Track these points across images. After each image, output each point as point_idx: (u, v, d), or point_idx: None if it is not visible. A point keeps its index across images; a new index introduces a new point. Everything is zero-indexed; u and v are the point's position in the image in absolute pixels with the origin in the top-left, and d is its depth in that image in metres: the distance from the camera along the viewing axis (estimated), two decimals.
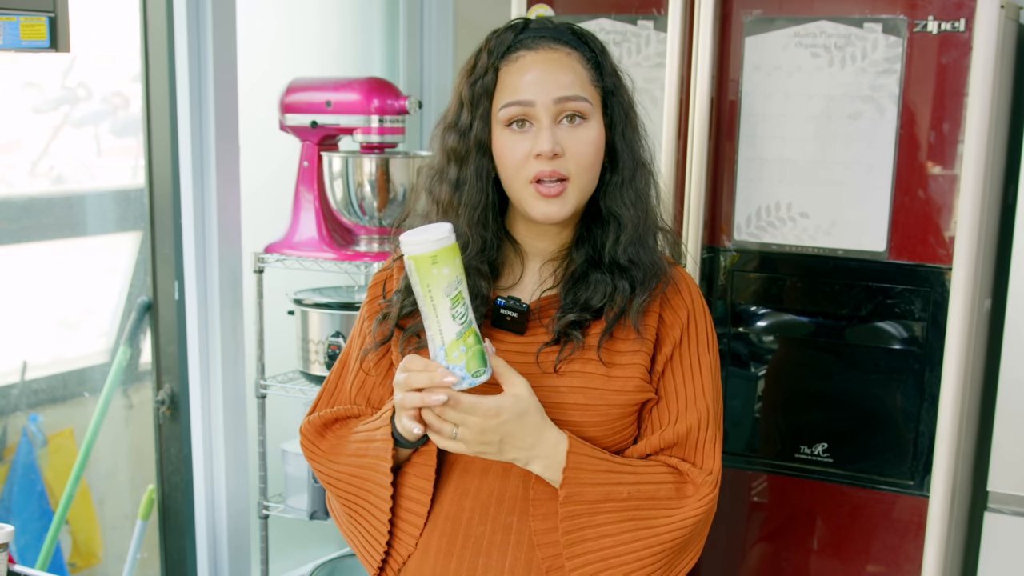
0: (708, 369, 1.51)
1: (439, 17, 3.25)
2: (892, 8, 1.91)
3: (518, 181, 1.43)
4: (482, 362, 1.34)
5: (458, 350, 1.32)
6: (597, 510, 1.40)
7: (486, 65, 1.45)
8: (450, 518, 1.46)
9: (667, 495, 1.44)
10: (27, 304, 2.65)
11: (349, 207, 2.61)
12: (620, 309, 1.46)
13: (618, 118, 1.48)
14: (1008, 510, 2.08)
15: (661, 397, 1.49)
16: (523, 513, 1.45)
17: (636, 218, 1.48)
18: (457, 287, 1.31)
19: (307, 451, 1.56)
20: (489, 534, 1.44)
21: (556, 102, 1.41)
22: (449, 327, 1.32)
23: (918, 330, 1.97)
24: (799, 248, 2.03)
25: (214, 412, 2.71)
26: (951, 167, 1.91)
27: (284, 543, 3.01)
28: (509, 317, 1.46)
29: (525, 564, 1.43)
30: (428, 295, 1.31)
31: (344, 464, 1.51)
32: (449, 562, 1.45)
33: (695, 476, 1.45)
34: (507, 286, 1.52)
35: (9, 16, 1.69)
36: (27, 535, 2.63)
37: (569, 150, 1.41)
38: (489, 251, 1.48)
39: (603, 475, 1.41)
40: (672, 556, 1.45)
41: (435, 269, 1.30)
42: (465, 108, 1.46)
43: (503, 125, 1.43)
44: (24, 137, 2.65)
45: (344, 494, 1.52)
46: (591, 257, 1.48)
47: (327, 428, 1.55)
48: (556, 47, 1.44)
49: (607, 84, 1.47)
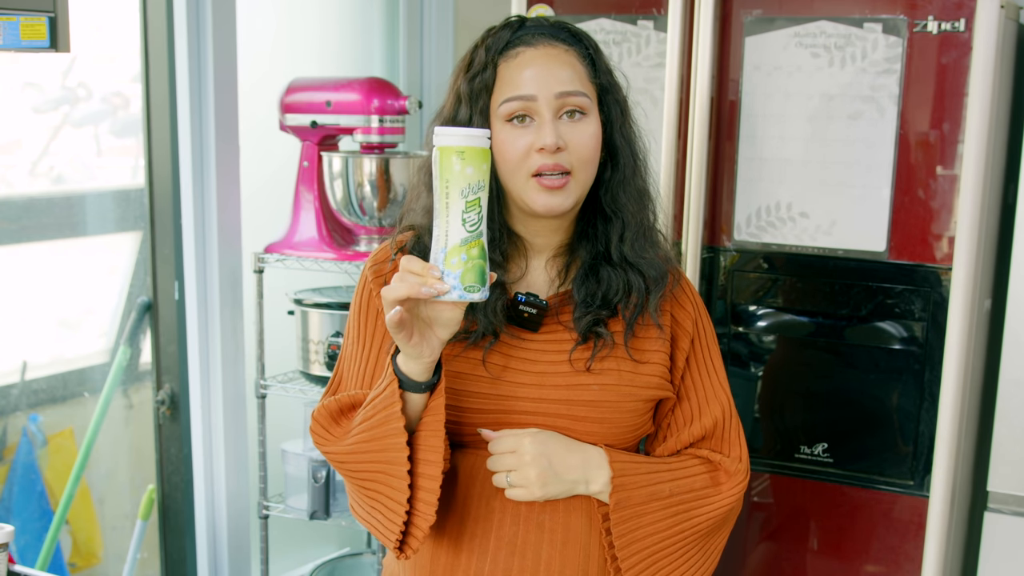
0: (719, 360, 1.57)
1: (439, 17, 3.26)
2: (892, 8, 1.91)
3: (519, 175, 1.43)
4: (480, 279, 1.28)
5: (458, 257, 1.26)
6: (644, 511, 1.45)
7: (484, 61, 1.46)
8: (480, 520, 1.46)
9: (703, 485, 1.49)
10: (27, 304, 2.65)
11: (349, 207, 2.61)
12: (637, 305, 1.47)
13: (614, 115, 1.49)
14: (1008, 510, 2.08)
15: (682, 395, 1.53)
16: (554, 511, 1.45)
17: (639, 214, 1.50)
18: (477, 192, 1.26)
19: (317, 436, 1.50)
20: (522, 533, 1.45)
21: (557, 97, 1.42)
22: (456, 230, 1.26)
23: (918, 330, 1.97)
24: (799, 248, 2.03)
25: (214, 412, 2.71)
26: (951, 167, 1.91)
27: (284, 543, 3.01)
28: (527, 313, 1.46)
29: (560, 561, 1.44)
30: (444, 191, 1.26)
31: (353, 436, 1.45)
32: (483, 564, 1.44)
33: (727, 465, 1.52)
34: (513, 280, 1.52)
35: (9, 16, 1.69)
36: (27, 535, 2.63)
37: (571, 144, 1.42)
38: (497, 244, 1.48)
39: (644, 477, 1.45)
40: (708, 535, 1.51)
41: (458, 165, 1.25)
42: (463, 104, 1.46)
43: (503, 120, 1.44)
44: (24, 137, 2.65)
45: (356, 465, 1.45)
46: (597, 253, 1.50)
47: (342, 414, 1.51)
48: (555, 43, 1.46)
49: (602, 81, 1.48)
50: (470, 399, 1.46)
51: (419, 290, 1.27)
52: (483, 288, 1.28)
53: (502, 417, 1.46)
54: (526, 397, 1.45)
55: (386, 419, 1.39)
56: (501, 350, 1.45)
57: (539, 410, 1.45)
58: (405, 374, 1.37)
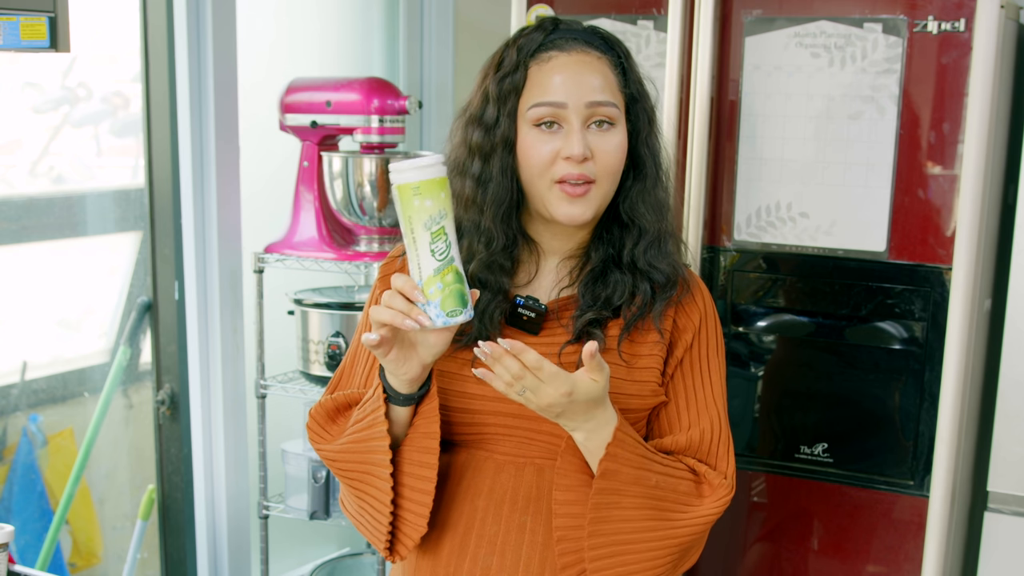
0: (717, 373, 1.52)
1: (439, 17, 3.26)
2: (892, 8, 1.91)
3: (543, 181, 1.43)
4: (460, 302, 1.31)
5: (434, 286, 1.29)
6: (626, 491, 1.40)
7: (515, 62, 1.44)
8: (463, 517, 1.46)
9: (687, 491, 1.45)
10: (27, 304, 2.65)
11: (349, 207, 2.61)
12: (639, 310, 1.46)
13: (642, 125, 1.49)
14: (1008, 510, 2.08)
15: (670, 399, 1.50)
16: (536, 512, 1.45)
17: (656, 224, 1.49)
18: (439, 222, 1.28)
19: (313, 434, 1.52)
20: (503, 533, 1.44)
21: (588, 106, 1.41)
22: (428, 262, 1.29)
23: (918, 330, 1.97)
24: (799, 248, 2.03)
25: (214, 412, 2.71)
26: (951, 167, 1.91)
27: (284, 543, 3.01)
28: (526, 317, 1.46)
29: (539, 563, 1.43)
30: (409, 227, 1.29)
31: (344, 436, 1.47)
32: (463, 562, 1.45)
33: (712, 478, 1.47)
34: (522, 284, 1.52)
35: (9, 16, 1.69)
36: (27, 535, 2.64)
37: (597, 154, 1.42)
38: (511, 248, 1.48)
39: (639, 459, 1.41)
40: (681, 554, 1.45)
41: (416, 200, 1.28)
42: (491, 104, 1.45)
43: (531, 124, 1.43)
44: (24, 137, 2.65)
45: (346, 464, 1.47)
46: (610, 257, 1.49)
47: (339, 413, 1.52)
48: (588, 50, 1.45)
49: (632, 91, 1.48)
50: (458, 399, 1.46)
51: (402, 322, 1.29)
52: (465, 309, 1.31)
53: (488, 418, 1.46)
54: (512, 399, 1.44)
55: (372, 423, 1.41)
56: None
57: (524, 412, 1.44)
58: (389, 384, 1.39)
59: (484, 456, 1.47)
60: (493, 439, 1.47)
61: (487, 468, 1.46)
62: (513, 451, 1.47)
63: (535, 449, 1.46)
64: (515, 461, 1.46)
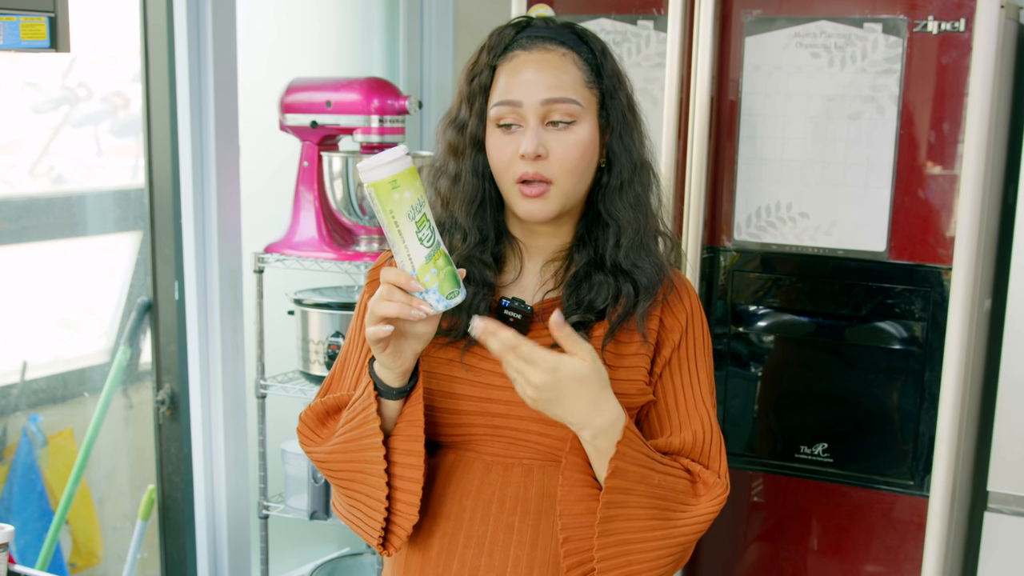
0: (705, 373, 1.51)
1: (439, 17, 3.26)
2: (892, 8, 1.91)
3: (505, 181, 1.44)
4: (455, 283, 1.32)
5: (429, 273, 1.31)
6: (634, 490, 1.39)
7: (485, 63, 1.46)
8: (451, 518, 1.46)
9: (685, 490, 1.44)
10: (27, 304, 2.65)
11: (349, 207, 2.61)
12: (624, 312, 1.46)
13: (615, 120, 1.47)
14: (1008, 510, 2.08)
15: (659, 400, 1.49)
16: (524, 513, 1.45)
17: (636, 221, 1.48)
18: (420, 209, 1.30)
19: (303, 437, 1.52)
20: (491, 534, 1.44)
21: (543, 103, 1.41)
22: (417, 251, 1.30)
23: (918, 330, 1.97)
24: (799, 248, 2.03)
25: (214, 412, 2.71)
26: (951, 167, 1.91)
27: (284, 543, 3.01)
28: (512, 318, 1.46)
29: (527, 564, 1.43)
30: (392, 221, 1.30)
31: (335, 437, 1.47)
32: (451, 562, 1.45)
33: (707, 477, 1.46)
34: (507, 283, 1.52)
35: (9, 16, 1.69)
36: (27, 535, 2.64)
37: (553, 152, 1.41)
38: (489, 244, 1.48)
39: (644, 458, 1.40)
40: (681, 555, 1.45)
41: (396, 194, 1.28)
42: (464, 104, 1.48)
43: (494, 124, 1.44)
44: (24, 137, 2.65)
45: (337, 465, 1.47)
46: (593, 259, 1.48)
47: (329, 416, 1.52)
48: (551, 47, 1.44)
49: (605, 85, 1.46)
50: (444, 399, 1.46)
51: (408, 312, 1.30)
52: (461, 289, 1.33)
53: (476, 418, 1.46)
54: (499, 400, 1.44)
55: (364, 421, 1.42)
56: (480, 352, 1.44)
57: (512, 412, 1.44)
58: (381, 380, 1.40)
59: (472, 457, 1.47)
60: (481, 440, 1.47)
61: (475, 469, 1.46)
62: (501, 452, 1.46)
63: (523, 450, 1.46)
64: (503, 462, 1.46)
